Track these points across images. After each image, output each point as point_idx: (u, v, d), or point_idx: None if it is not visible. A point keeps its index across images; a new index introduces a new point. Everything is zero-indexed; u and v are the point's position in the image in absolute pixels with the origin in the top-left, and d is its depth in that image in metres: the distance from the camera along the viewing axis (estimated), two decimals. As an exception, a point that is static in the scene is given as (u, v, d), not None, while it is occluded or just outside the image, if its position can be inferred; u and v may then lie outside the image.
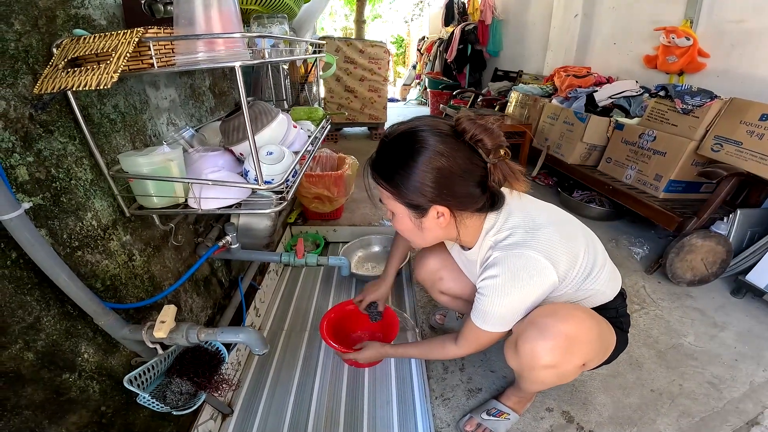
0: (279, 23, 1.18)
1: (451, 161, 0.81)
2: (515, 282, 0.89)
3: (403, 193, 0.86)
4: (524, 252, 0.88)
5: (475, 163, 0.84)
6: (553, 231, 0.91)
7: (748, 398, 1.34)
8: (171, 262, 1.15)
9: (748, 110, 1.87)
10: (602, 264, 1.02)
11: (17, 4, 0.70)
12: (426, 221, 0.90)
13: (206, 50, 0.79)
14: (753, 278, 1.79)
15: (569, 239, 0.94)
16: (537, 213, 0.96)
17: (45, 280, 0.74)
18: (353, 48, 4.17)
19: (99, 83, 0.68)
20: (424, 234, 0.95)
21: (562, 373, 0.97)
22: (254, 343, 0.92)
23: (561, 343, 0.91)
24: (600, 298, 1.05)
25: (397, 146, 0.85)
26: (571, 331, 0.91)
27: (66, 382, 0.81)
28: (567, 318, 0.92)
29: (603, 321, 1.01)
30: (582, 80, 3.26)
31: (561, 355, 0.92)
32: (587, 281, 0.99)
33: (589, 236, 1.04)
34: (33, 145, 0.73)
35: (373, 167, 0.91)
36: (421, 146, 0.81)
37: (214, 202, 0.94)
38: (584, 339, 0.94)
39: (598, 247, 1.03)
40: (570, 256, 0.92)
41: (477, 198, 0.87)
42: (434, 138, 0.82)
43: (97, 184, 0.87)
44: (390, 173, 0.87)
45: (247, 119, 0.80)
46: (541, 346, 0.92)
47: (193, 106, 1.32)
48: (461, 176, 0.83)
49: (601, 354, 1.03)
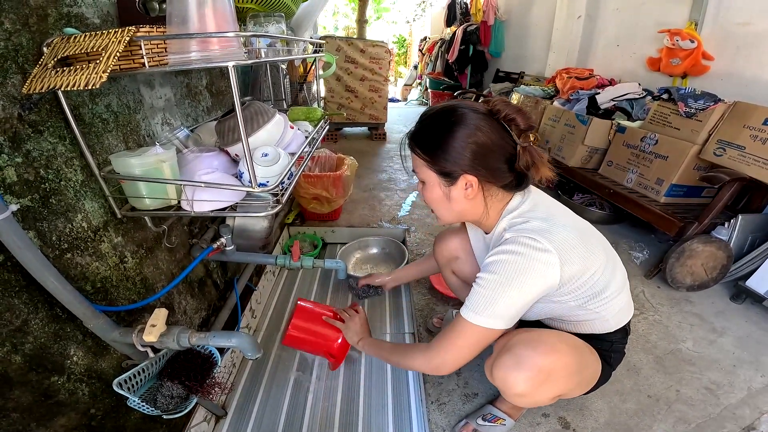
0: (276, 22, 1.17)
1: (487, 136, 0.87)
2: (517, 262, 0.84)
3: (437, 160, 0.91)
4: (535, 237, 0.85)
5: (507, 142, 0.89)
6: (573, 235, 0.89)
7: (746, 404, 1.33)
8: (164, 263, 1.14)
9: (752, 114, 1.85)
10: (617, 290, 0.98)
11: (8, 2, 0.69)
12: (454, 190, 0.93)
13: (200, 50, 0.78)
14: (753, 284, 1.77)
15: (586, 250, 0.91)
16: (562, 215, 0.97)
17: (33, 283, 0.73)
18: (354, 47, 4.16)
19: (88, 83, 0.67)
20: (451, 204, 0.96)
21: (535, 401, 0.97)
22: (247, 347, 0.91)
23: (535, 375, 0.90)
24: (600, 326, 1.02)
25: (437, 119, 0.92)
26: (548, 365, 0.90)
27: (54, 384, 0.80)
28: (547, 352, 0.91)
29: (588, 354, 1.00)
30: (584, 82, 3.24)
31: (535, 387, 0.91)
32: (594, 301, 0.95)
33: (612, 258, 1.01)
34: (22, 145, 0.72)
35: (412, 137, 0.96)
36: (460, 119, 0.88)
37: (208, 204, 0.93)
38: (561, 374, 0.92)
39: (617, 273, 1.00)
40: (582, 264, 0.89)
41: (505, 174, 0.91)
42: (473, 114, 0.88)
43: (87, 185, 0.86)
44: (429, 142, 0.92)
45: (240, 121, 0.79)
46: (514, 376, 0.91)
47: (189, 106, 1.31)
48: (493, 150, 0.88)
49: (580, 387, 1.02)
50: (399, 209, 2.73)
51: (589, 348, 1.01)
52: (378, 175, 3.44)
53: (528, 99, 3.63)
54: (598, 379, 1.05)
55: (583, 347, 1.00)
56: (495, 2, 5.43)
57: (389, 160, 3.91)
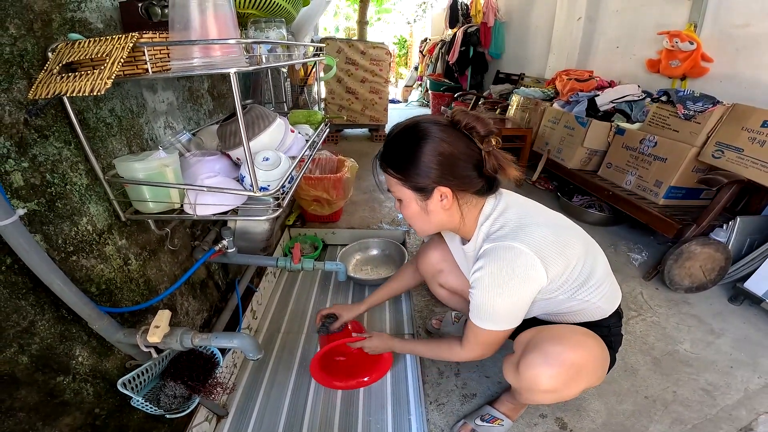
0: (276, 27, 1.18)
1: (452, 146, 0.90)
2: (501, 274, 0.89)
3: (409, 178, 0.93)
4: (512, 244, 0.89)
5: (472, 149, 0.91)
6: (547, 231, 0.92)
7: (742, 405, 1.34)
8: (167, 265, 1.16)
9: (750, 117, 1.86)
10: (602, 277, 1.01)
11: (12, 7, 0.69)
12: (431, 203, 0.95)
13: (202, 56, 0.79)
14: (751, 286, 1.78)
15: (564, 244, 0.94)
16: (535, 213, 0.98)
17: (40, 285, 0.74)
18: (355, 49, 4.17)
19: (93, 89, 0.68)
20: (429, 217, 0.98)
21: (562, 397, 0.98)
22: (248, 348, 0.92)
23: (566, 371, 0.91)
24: (595, 313, 1.05)
25: (402, 137, 0.94)
26: (578, 360, 0.92)
27: (60, 384, 0.82)
28: (576, 346, 0.93)
29: (604, 345, 1.01)
30: (584, 84, 3.25)
31: (564, 382, 0.93)
32: (582, 290, 0.98)
33: (591, 247, 1.04)
34: (28, 150, 0.73)
35: (382, 158, 0.98)
36: (424, 134, 0.90)
37: (210, 208, 0.94)
38: (590, 368, 0.95)
39: (599, 259, 1.03)
40: (563, 258, 0.92)
41: (475, 180, 0.93)
42: (435, 127, 0.91)
43: (92, 189, 0.87)
44: (397, 160, 0.94)
45: (242, 126, 0.80)
46: (544, 372, 0.92)
47: (191, 109, 1.33)
48: (461, 159, 0.91)
49: (599, 379, 1.03)
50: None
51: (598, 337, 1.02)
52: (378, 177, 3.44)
53: (528, 101, 3.64)
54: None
55: (600, 339, 1.01)
56: (495, 4, 5.45)
57: (390, 161, 3.91)
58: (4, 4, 0.68)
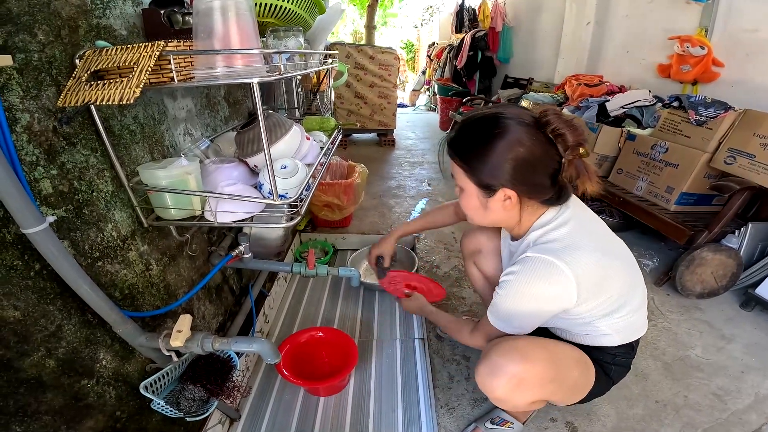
0: (294, 36, 1.20)
1: (529, 151, 0.84)
2: (532, 285, 0.88)
3: (476, 172, 0.89)
4: (554, 261, 0.86)
5: (551, 155, 0.86)
6: (594, 258, 0.89)
7: (753, 410, 1.34)
8: (185, 270, 1.17)
9: (762, 122, 1.85)
10: (630, 312, 0.99)
11: (40, 13, 0.70)
12: (492, 202, 0.92)
13: (225, 65, 0.81)
14: (763, 292, 1.77)
15: (605, 276, 0.92)
16: (591, 235, 0.95)
17: (67, 290, 0.76)
18: (364, 54, 4.20)
19: (122, 98, 0.70)
20: (487, 213, 0.96)
21: (514, 405, 1.01)
22: (267, 352, 0.93)
23: (507, 382, 0.93)
24: (604, 340, 1.03)
25: (478, 128, 0.89)
26: (519, 373, 0.92)
27: (84, 388, 0.83)
28: (520, 360, 0.93)
29: (571, 364, 1.00)
30: (594, 89, 3.24)
31: (509, 392, 0.94)
32: (602, 321, 0.97)
33: (634, 280, 1.01)
34: (56, 158, 0.74)
35: (451, 144, 0.94)
36: (502, 131, 0.84)
37: (230, 215, 0.96)
38: (533, 382, 0.94)
39: (637, 293, 1.02)
40: (598, 289, 0.91)
41: (546, 190, 0.89)
42: (516, 125, 0.84)
43: (117, 196, 0.89)
44: (467, 151, 0.90)
45: (264, 135, 0.82)
46: (489, 381, 0.95)
47: (208, 116, 1.35)
48: (535, 165, 0.86)
49: (564, 394, 1.04)
50: (408, 216, 2.75)
51: (576, 358, 1.01)
52: (387, 182, 3.47)
53: (537, 106, 3.64)
54: (594, 390, 1.06)
55: (566, 357, 1.00)
56: (503, 8, 5.45)
57: (398, 167, 3.94)
58: (31, 9, 0.68)
